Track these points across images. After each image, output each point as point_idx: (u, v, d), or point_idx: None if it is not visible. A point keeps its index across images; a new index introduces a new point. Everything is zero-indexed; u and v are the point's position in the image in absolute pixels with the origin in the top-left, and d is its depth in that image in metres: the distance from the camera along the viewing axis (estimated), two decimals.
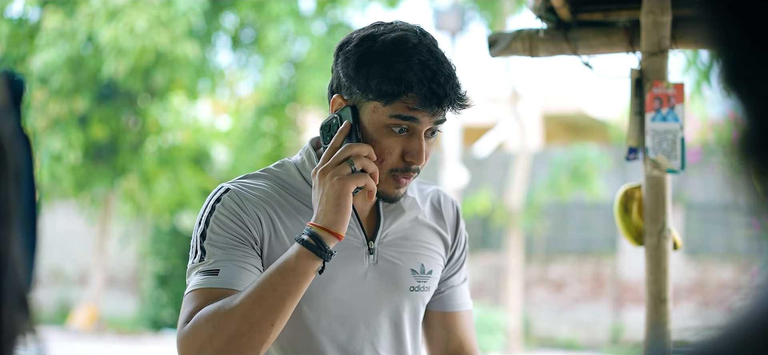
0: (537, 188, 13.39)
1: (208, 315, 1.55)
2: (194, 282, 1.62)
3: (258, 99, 13.85)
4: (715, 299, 13.08)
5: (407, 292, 1.77)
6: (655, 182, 2.17)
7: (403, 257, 1.78)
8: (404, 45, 1.62)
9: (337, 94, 1.68)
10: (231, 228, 1.64)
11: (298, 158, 1.77)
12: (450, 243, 1.88)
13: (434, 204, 1.89)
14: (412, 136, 1.64)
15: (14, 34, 12.63)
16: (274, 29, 12.68)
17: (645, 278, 2.18)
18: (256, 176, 1.74)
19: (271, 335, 1.56)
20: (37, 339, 0.74)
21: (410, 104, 1.60)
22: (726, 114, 0.60)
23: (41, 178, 11.56)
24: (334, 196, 1.58)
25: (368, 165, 1.61)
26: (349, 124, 1.65)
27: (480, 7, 13.57)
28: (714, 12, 0.60)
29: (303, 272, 1.57)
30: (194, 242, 1.66)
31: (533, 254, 14.26)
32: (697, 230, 13.36)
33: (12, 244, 0.72)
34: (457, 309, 1.90)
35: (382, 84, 1.60)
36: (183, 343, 1.57)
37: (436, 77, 1.60)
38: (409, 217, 1.80)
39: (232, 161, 14.39)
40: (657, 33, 2.17)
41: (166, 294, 15.11)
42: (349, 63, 1.65)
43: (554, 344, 13.81)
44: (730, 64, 0.60)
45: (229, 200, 1.66)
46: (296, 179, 1.74)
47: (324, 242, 1.57)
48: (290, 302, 1.56)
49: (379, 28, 1.67)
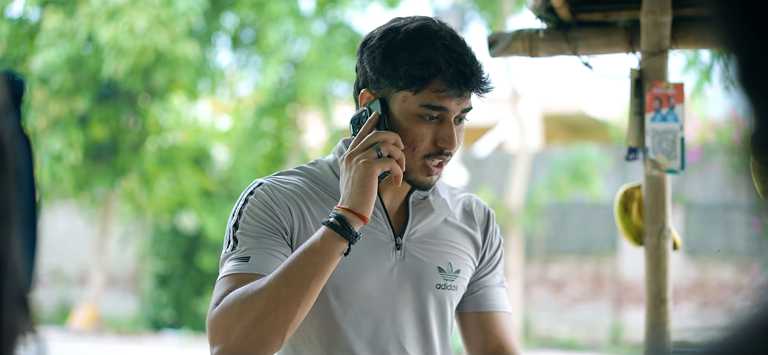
0: (537, 188, 13.39)
1: (236, 296, 1.59)
2: (226, 269, 1.66)
3: (258, 99, 13.84)
4: (715, 299, 13.09)
5: (433, 289, 1.80)
6: (655, 181, 2.17)
7: (431, 255, 1.81)
8: (427, 31, 1.69)
9: (365, 89, 1.73)
10: (262, 218, 1.69)
11: (331, 157, 1.82)
12: (480, 244, 1.90)
13: (466, 208, 1.91)
14: (442, 122, 1.69)
15: (14, 34, 12.62)
16: (274, 29, 12.68)
17: (645, 278, 2.18)
18: (289, 173, 1.80)
19: (296, 316, 1.59)
20: (37, 339, 0.74)
21: (439, 88, 1.65)
22: (726, 114, 0.60)
23: (41, 178, 11.56)
24: (360, 178, 1.62)
25: (395, 151, 1.65)
26: (378, 115, 1.69)
27: (480, 7, 13.57)
28: (725, 11, 0.60)
29: (328, 253, 1.59)
30: (228, 233, 1.71)
31: (533, 254, 14.26)
32: (697, 230, 13.36)
33: (12, 244, 0.72)
34: (493, 309, 1.89)
35: (411, 69, 1.65)
36: (212, 324, 1.61)
37: (462, 58, 1.66)
38: (438, 216, 1.83)
39: (232, 161, 14.39)
40: (657, 33, 2.17)
41: (166, 294, 15.11)
42: (376, 56, 1.70)
43: (554, 344, 13.81)
44: (741, 62, 0.59)
45: (262, 192, 1.72)
46: (329, 176, 1.78)
47: (349, 223, 1.60)
48: (316, 283, 1.59)
49: (400, 21, 1.73)
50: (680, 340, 0.63)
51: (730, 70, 0.60)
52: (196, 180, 14.14)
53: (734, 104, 0.61)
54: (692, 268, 13.33)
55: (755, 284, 0.60)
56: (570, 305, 14.23)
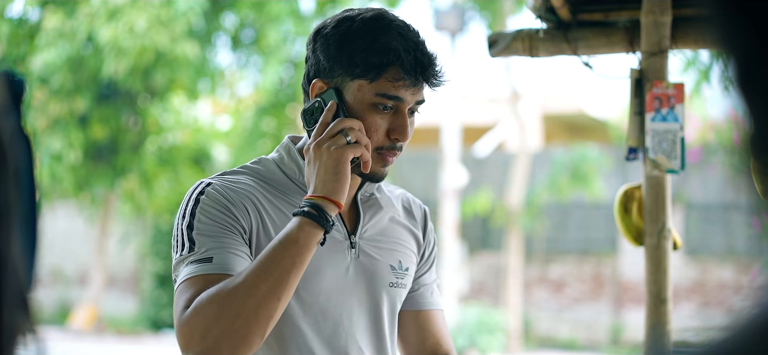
0: (537, 188, 13.39)
1: (211, 296, 1.52)
2: (186, 272, 1.58)
3: (258, 99, 13.85)
4: (715, 300, 13.09)
5: (387, 287, 1.79)
6: (655, 181, 2.17)
7: (383, 253, 1.80)
8: (383, 21, 1.66)
9: (317, 79, 1.68)
10: (219, 218, 1.62)
11: (275, 155, 1.77)
12: (421, 242, 1.91)
13: (405, 205, 1.91)
14: (396, 113, 1.66)
15: (14, 34, 12.63)
16: (274, 29, 12.68)
17: (645, 278, 2.18)
18: (234, 172, 1.73)
19: (277, 311, 1.54)
20: (37, 339, 0.74)
21: (396, 77, 1.63)
22: (726, 114, 0.61)
23: (41, 178, 11.56)
24: (333, 164, 1.59)
25: (362, 137, 1.63)
26: (335, 104, 1.66)
27: (480, 7, 13.57)
28: (724, 12, 0.60)
29: (306, 243, 1.56)
30: (179, 235, 1.63)
31: (533, 254, 14.25)
32: (697, 230, 13.36)
33: (12, 244, 0.72)
34: (431, 307, 1.90)
35: (368, 56, 1.62)
36: (185, 328, 1.52)
37: (419, 47, 1.64)
38: (386, 214, 1.83)
39: (232, 161, 14.39)
40: (657, 33, 2.17)
41: (166, 294, 15.11)
42: (330, 44, 1.66)
43: (554, 344, 13.81)
44: (740, 64, 0.59)
45: (214, 191, 1.65)
46: (276, 175, 1.74)
47: (325, 210, 1.57)
48: (294, 275, 1.55)
49: (353, 11, 1.70)
50: (680, 340, 0.63)
51: (729, 71, 0.60)
52: (196, 180, 14.10)
53: (734, 104, 0.61)
54: (692, 268, 13.33)
55: (755, 284, 0.60)
56: (570, 305, 14.23)
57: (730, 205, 13.22)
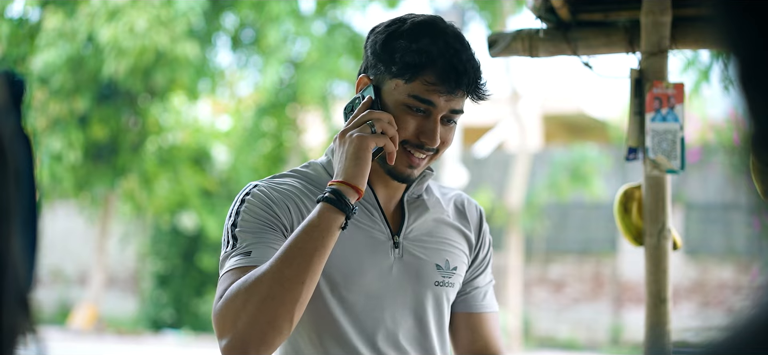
0: (537, 188, 13.39)
1: (240, 284, 1.59)
2: (227, 265, 1.66)
3: (258, 99, 13.85)
4: (714, 300, 13.09)
5: (432, 286, 1.81)
6: (655, 182, 2.17)
7: (428, 253, 1.82)
8: (433, 26, 1.70)
9: (363, 74, 1.75)
10: (261, 216, 1.70)
11: (323, 159, 1.84)
12: (474, 243, 1.92)
13: (458, 206, 1.93)
14: (427, 117, 1.69)
15: (14, 34, 12.63)
16: (274, 29, 12.68)
17: (645, 278, 2.18)
18: (283, 175, 1.81)
19: (303, 296, 1.58)
20: (37, 339, 0.74)
21: (430, 81, 1.65)
22: (726, 114, 0.61)
23: (41, 178, 11.56)
24: (354, 151, 1.64)
25: (388, 129, 1.67)
26: (371, 99, 1.71)
27: (480, 7, 13.57)
28: (725, 11, 0.60)
29: (327, 227, 1.60)
30: (226, 234, 1.72)
31: (533, 254, 14.26)
32: (697, 230, 13.36)
33: (12, 244, 0.72)
34: (483, 310, 1.92)
35: (405, 56, 1.66)
36: (218, 316, 1.60)
37: (458, 55, 1.66)
38: (433, 215, 1.85)
39: (232, 161, 14.39)
40: (657, 33, 2.17)
41: (166, 294, 15.11)
42: (377, 41, 1.72)
43: (554, 344, 13.81)
44: (741, 63, 0.59)
45: (259, 192, 1.73)
46: (323, 177, 1.80)
47: (344, 195, 1.62)
48: (318, 259, 1.59)
49: (411, 14, 1.75)
50: (680, 340, 0.63)
51: (730, 71, 0.60)
52: (196, 180, 14.14)
53: (734, 104, 0.61)
54: (692, 268, 13.33)
55: (755, 284, 0.60)
56: (570, 305, 14.23)
57: (730, 205, 13.22)
